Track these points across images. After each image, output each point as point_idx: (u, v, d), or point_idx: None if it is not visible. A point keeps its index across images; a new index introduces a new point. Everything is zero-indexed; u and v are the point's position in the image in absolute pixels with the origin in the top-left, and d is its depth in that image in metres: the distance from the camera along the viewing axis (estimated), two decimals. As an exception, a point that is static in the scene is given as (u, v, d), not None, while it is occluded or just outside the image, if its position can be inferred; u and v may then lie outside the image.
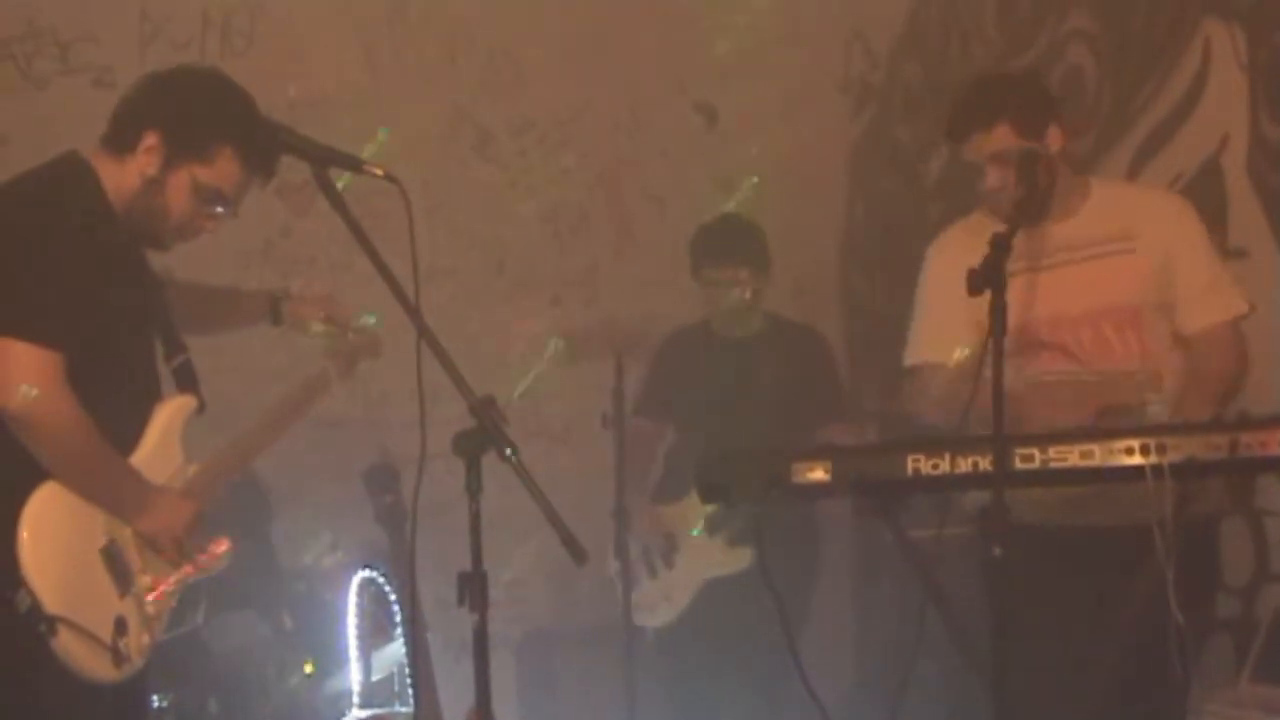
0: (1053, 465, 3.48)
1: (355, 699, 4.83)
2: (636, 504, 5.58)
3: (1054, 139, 3.96)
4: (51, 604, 3.26)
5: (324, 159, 3.34)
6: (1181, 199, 4.28)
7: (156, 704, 4.31)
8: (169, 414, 3.61)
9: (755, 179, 6.37)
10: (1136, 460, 3.42)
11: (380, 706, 4.89)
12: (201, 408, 3.67)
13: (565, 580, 6.25)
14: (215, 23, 6.37)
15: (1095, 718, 3.82)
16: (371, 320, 4.08)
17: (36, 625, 3.23)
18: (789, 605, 3.84)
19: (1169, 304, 3.97)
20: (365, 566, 4.87)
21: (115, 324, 3.44)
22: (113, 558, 3.44)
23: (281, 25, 6.41)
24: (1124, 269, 3.96)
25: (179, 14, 6.31)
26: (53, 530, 3.33)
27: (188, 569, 3.62)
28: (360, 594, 4.87)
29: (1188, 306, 3.97)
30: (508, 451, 3.05)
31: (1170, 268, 3.95)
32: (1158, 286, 3.96)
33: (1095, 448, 3.46)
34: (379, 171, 3.32)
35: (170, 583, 3.58)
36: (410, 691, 4.77)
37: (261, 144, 3.51)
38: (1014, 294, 3.54)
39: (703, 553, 5.54)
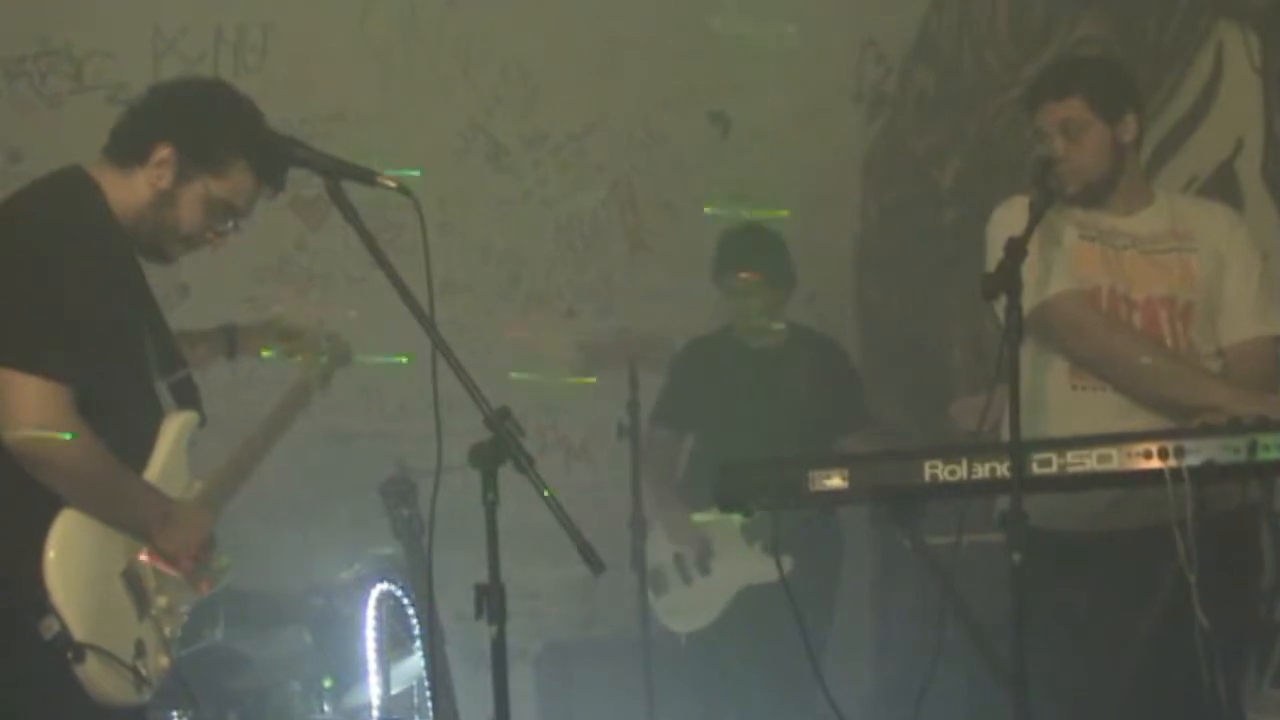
0: (1071, 470, 3.47)
1: (375, 713, 4.82)
2: (669, 511, 5.57)
3: (1129, 127, 3.97)
4: (78, 630, 3.22)
5: (337, 172, 3.31)
6: (1238, 214, 4.28)
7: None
8: (175, 430, 3.55)
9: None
10: (1155, 464, 3.41)
11: (400, 720, 4.89)
12: (203, 422, 3.62)
13: (584, 592, 6.24)
14: (228, 39, 6.38)
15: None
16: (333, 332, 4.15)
17: (63, 652, 3.20)
18: (814, 614, 3.85)
19: (1216, 308, 3.96)
20: (383, 580, 4.87)
21: (121, 345, 3.39)
22: (132, 580, 3.41)
23: (294, 41, 6.42)
24: (1184, 266, 3.96)
25: (192, 31, 6.31)
26: (78, 556, 3.29)
27: (203, 585, 3.61)
28: (378, 607, 4.87)
29: (1232, 316, 3.97)
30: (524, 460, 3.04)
31: (1220, 274, 3.96)
32: (1209, 289, 3.95)
33: (1113, 452, 3.45)
34: (392, 184, 3.29)
35: (186, 601, 3.57)
36: (430, 704, 4.77)
37: (272, 156, 3.48)
38: (1084, 255, 3.79)
39: (741, 560, 5.53)
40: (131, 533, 3.42)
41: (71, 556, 3.27)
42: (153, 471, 3.49)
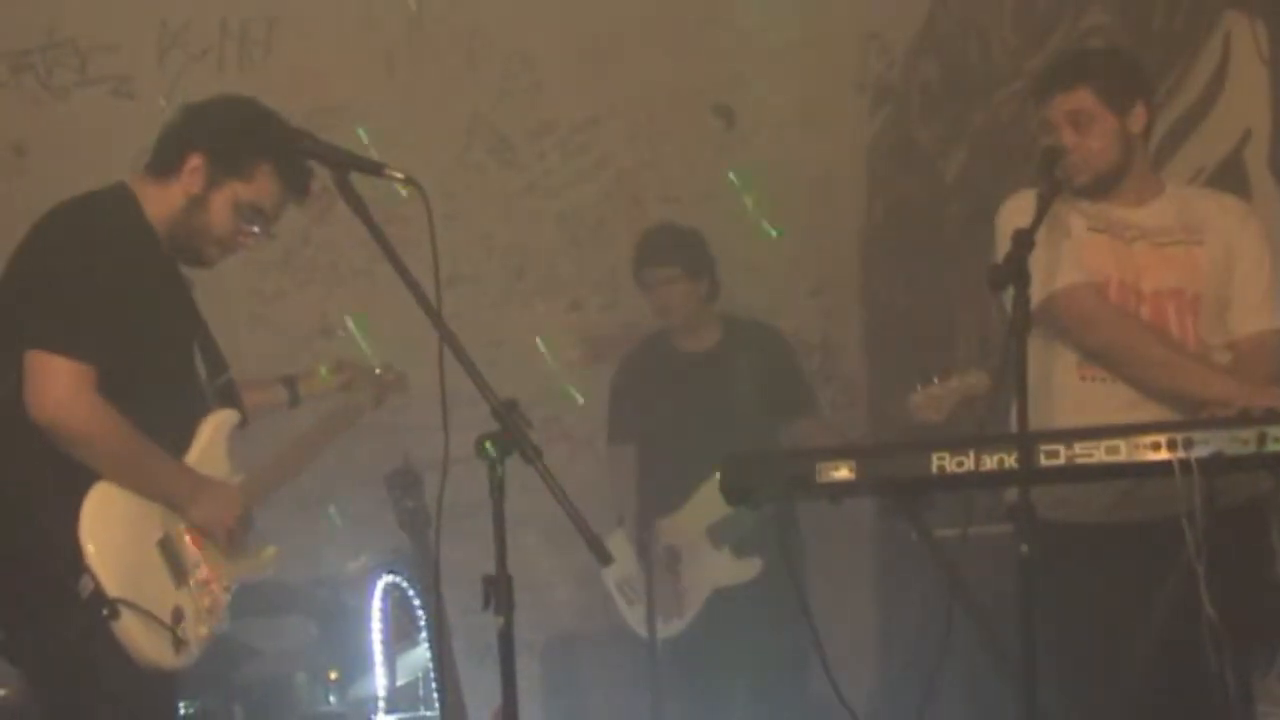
0: (1079, 461, 3.46)
1: (380, 704, 4.83)
2: (634, 523, 5.57)
3: (1138, 118, 3.95)
4: (112, 588, 3.44)
5: (345, 164, 3.36)
6: (1249, 206, 4.27)
7: (183, 710, 4.32)
8: (214, 427, 3.81)
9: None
10: (1164, 455, 3.40)
11: (405, 711, 4.89)
12: (244, 422, 3.86)
13: (589, 584, 6.24)
14: (233, 32, 6.39)
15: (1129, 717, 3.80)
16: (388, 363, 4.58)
17: (99, 609, 3.40)
18: (789, 613, 3.86)
19: (1225, 301, 3.95)
20: (389, 571, 4.87)
21: (157, 341, 3.64)
22: (169, 550, 3.62)
23: (299, 33, 6.42)
24: (1192, 258, 3.94)
25: (197, 24, 6.32)
26: (111, 523, 3.52)
27: (243, 565, 3.81)
28: (384, 599, 4.87)
29: (1242, 309, 3.95)
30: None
31: (1230, 266, 3.94)
32: (1218, 281, 3.94)
33: (1121, 443, 3.43)
34: (400, 175, 3.34)
35: (228, 576, 3.77)
36: (435, 696, 4.77)
37: (297, 163, 3.70)
38: (1093, 247, 3.79)
39: (710, 563, 5.54)
40: (164, 504, 3.63)
41: (104, 521, 3.50)
42: (191, 458, 3.73)
